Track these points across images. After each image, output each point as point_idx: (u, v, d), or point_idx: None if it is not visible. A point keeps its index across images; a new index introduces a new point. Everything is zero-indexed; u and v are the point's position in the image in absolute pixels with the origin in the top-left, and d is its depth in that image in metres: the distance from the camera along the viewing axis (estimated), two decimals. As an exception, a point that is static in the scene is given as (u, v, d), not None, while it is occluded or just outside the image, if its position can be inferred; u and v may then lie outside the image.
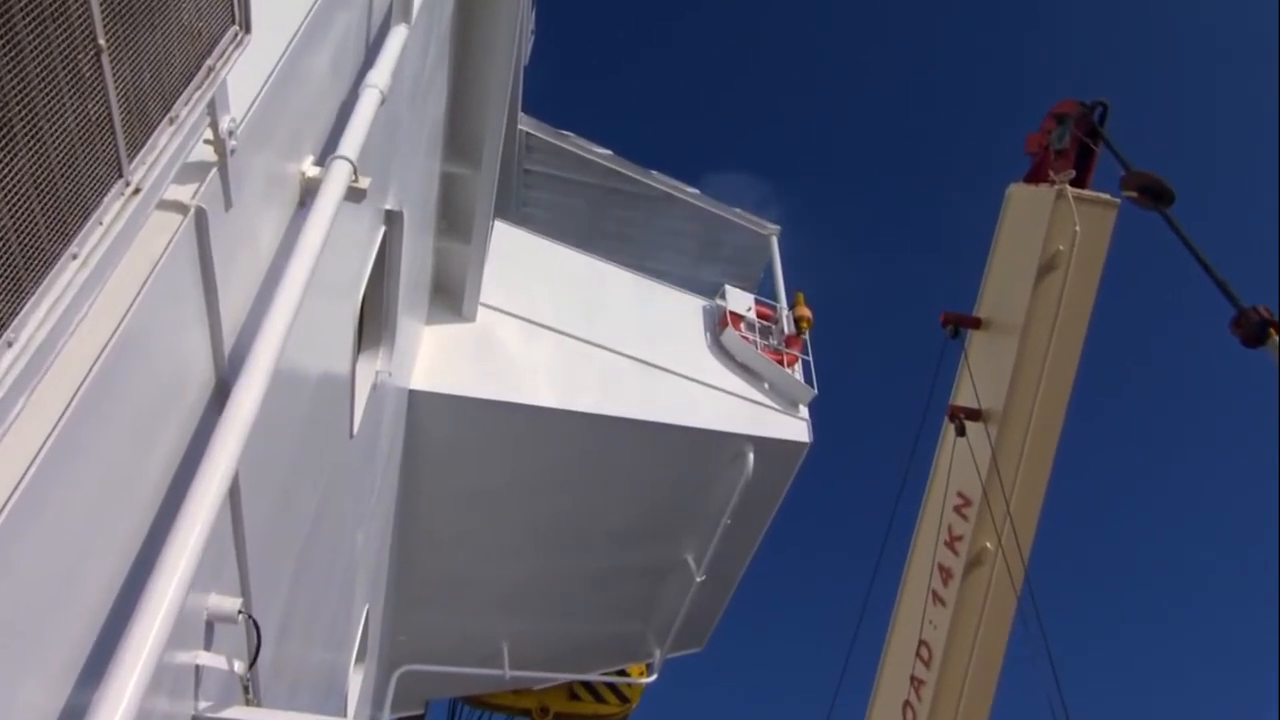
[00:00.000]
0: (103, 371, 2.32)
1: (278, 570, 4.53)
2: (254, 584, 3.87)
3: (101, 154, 2.17)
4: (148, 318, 2.54)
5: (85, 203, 2.15)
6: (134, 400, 2.59)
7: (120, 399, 2.49)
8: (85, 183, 2.13)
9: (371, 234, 5.79)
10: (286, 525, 4.59)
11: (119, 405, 2.49)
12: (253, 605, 3.86)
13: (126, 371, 2.48)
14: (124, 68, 2.18)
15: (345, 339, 5.37)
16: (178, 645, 3.08)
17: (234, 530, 3.58)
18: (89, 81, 2.05)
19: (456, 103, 7.88)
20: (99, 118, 2.12)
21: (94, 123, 2.11)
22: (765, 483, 11.04)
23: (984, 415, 8.74)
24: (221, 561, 3.50)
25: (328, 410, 5.13)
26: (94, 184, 2.17)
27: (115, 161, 2.24)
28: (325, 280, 4.30)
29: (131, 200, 2.32)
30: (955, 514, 8.86)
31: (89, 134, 2.10)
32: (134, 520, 2.70)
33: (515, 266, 10.61)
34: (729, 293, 12.03)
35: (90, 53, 2.04)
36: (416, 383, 8.97)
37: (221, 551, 3.48)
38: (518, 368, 9.69)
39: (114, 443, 2.52)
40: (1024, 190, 8.90)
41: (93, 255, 2.19)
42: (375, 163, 4.79)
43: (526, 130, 12.37)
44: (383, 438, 7.61)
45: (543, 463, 10.24)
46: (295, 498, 4.67)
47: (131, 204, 2.32)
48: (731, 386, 11.04)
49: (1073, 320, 8.28)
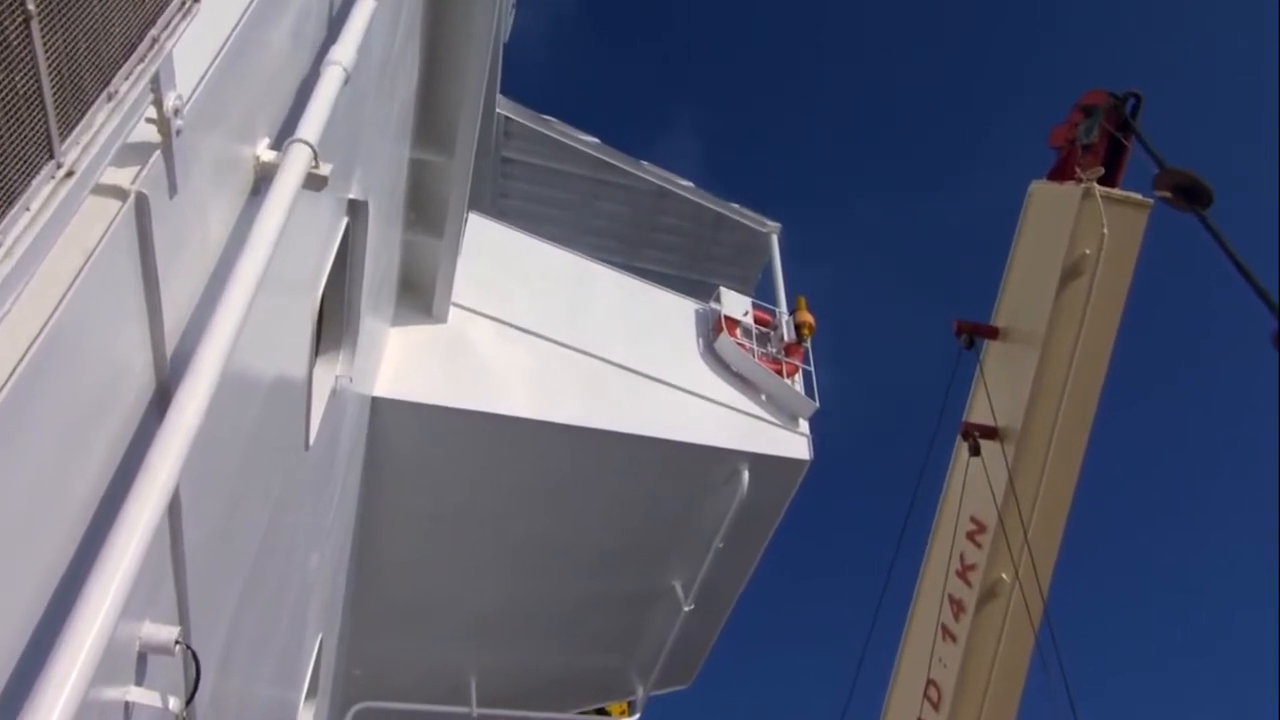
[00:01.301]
0: (28, 374, 2.29)
1: (221, 595, 4.50)
2: (194, 611, 3.83)
3: (30, 133, 2.15)
4: (80, 314, 2.52)
5: (10, 186, 2.12)
6: (63, 406, 2.56)
7: (47, 404, 2.46)
8: (11, 164, 2.10)
9: (333, 226, 5.78)
10: (232, 545, 4.56)
11: (46, 412, 2.46)
12: (192, 635, 3.83)
13: (55, 374, 2.45)
14: (56, 37, 2.16)
15: (302, 340, 5.36)
16: (105, 680, 3.05)
17: (173, 551, 3.54)
18: (16, 52, 2.03)
19: (429, 83, 7.88)
20: (27, 92, 2.09)
21: (21, 98, 2.08)
22: (761, 503, 11.10)
23: (1000, 433, 8.76)
24: (157, 585, 3.47)
25: (281, 419, 5.11)
26: (20, 166, 2.14)
27: (45, 141, 2.22)
28: (280, 276, 4.28)
29: (63, 184, 2.30)
30: (968, 541, 8.88)
31: (15, 110, 2.07)
32: (60, 539, 2.67)
33: (491, 263, 10.61)
34: (724, 295, 12.08)
35: (18, 19, 2.01)
36: (380, 389, 8.96)
37: (158, 574, 3.45)
38: (492, 374, 9.70)
39: (39, 453, 2.49)
40: (1047, 188, 8.94)
41: (18, 245, 2.16)
42: (338, 147, 4.78)
43: (506, 114, 12.39)
44: (341, 449, 7.59)
45: (518, 479, 10.24)
46: (242, 515, 4.64)
47: (63, 188, 2.30)
48: (726, 398, 11.08)
49: (1099, 331, 8.32)
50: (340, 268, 6.22)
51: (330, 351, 6.68)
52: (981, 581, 8.68)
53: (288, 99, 4.15)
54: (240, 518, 4.61)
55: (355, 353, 6.89)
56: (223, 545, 4.35)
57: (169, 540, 3.49)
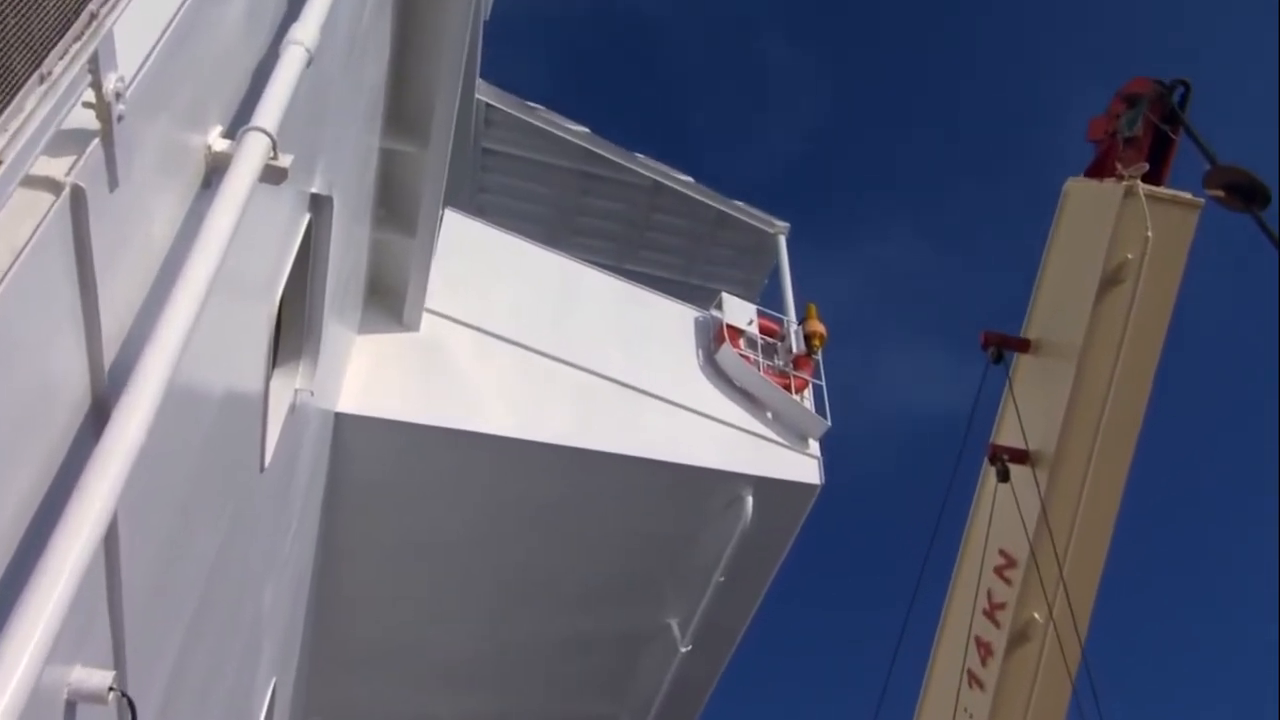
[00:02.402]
0: (-54, 388, 2.26)
1: (163, 636, 4.47)
2: (131, 653, 3.80)
3: (-49, 117, 2.12)
4: (6, 321, 2.50)
5: (-71, 177, 2.10)
6: (-13, 423, 2.54)
7: (-32, 422, 2.43)
8: (-71, 152, 2.07)
9: (293, 223, 5.78)
10: (176, 579, 4.53)
11: (-34, 429, 2.44)
12: (128, 680, 3.79)
13: (-22, 387, 2.43)
14: (-18, 11, 2.14)
15: (257, 350, 5.34)
16: (31, 731, 3.01)
17: (108, 585, 3.52)
18: (-63, 27, 2.00)
19: (401, 65, 7.88)
20: (-51, 72, 2.07)
21: (-58, 78, 2.06)
22: (767, 532, 11.05)
23: (1032, 457, 8.77)
24: (90, 625, 3.44)
25: (233, 437, 5.09)
26: (-59, 154, 2.12)
27: (-31, 127, 2.19)
28: (234, 278, 4.27)
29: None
30: (996, 577, 8.88)
31: (-64, 92, 2.05)
32: (-19, 573, 2.64)
33: (469, 265, 10.60)
34: (727, 302, 12.09)
35: (-60, -9, 1.99)
36: (345, 404, 8.95)
37: (91, 612, 3.42)
38: (470, 388, 9.68)
39: (-41, 476, 2.46)
40: (1085, 186, 8.98)
41: (-63, 242, 2.14)
42: (299, 136, 4.77)
43: (486, 100, 12.41)
44: (301, 471, 7.57)
45: (498, 505, 10.21)
46: (188, 545, 4.61)
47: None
48: (728, 415, 11.08)
49: (1143, 343, 8.35)
50: (301, 269, 6.20)
51: (289, 362, 6.66)
52: (1011, 622, 8.68)
53: (243, 82, 4.14)
54: (186, 548, 4.58)
55: (317, 364, 6.87)
56: (165, 579, 4.33)
57: (104, 574, 3.47)
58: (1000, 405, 9.39)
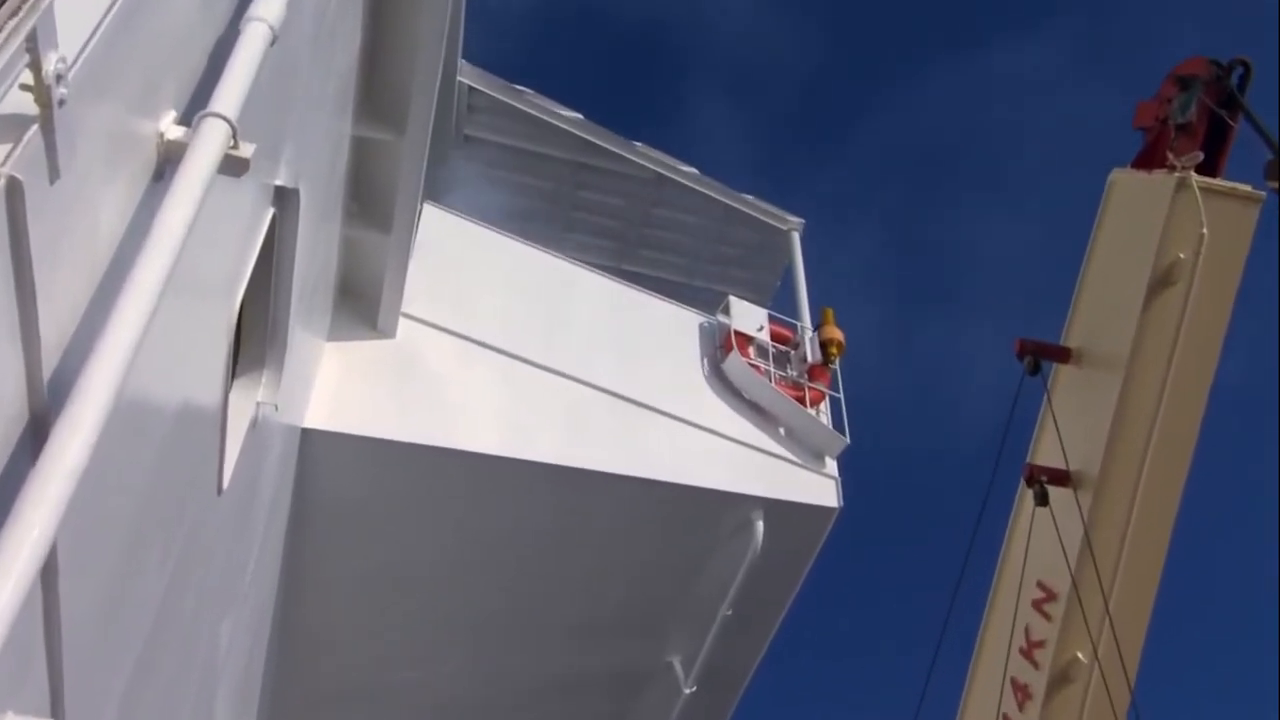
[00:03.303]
0: None
1: (107, 678, 4.43)
2: (71, 698, 3.76)
3: None
4: (-67, 328, 2.48)
5: None
6: (-92, 444, 2.51)
7: (-111, 442, 2.41)
8: None
9: (255, 218, 5.77)
10: (122, 615, 4.51)
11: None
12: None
13: (-101, 403, 2.40)
14: (-94, -18, 2.11)
15: (215, 360, 5.33)
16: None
17: (45, 624, 3.49)
18: None
19: (375, 44, 7.89)
20: None
21: None
22: (779, 561, 11.08)
23: (1074, 479, 8.77)
24: (26, 666, 3.41)
25: (187, 457, 5.08)
26: None
27: (-109, 112, 2.17)
28: (189, 279, 4.25)
29: (-87, 166, 2.26)
30: (1034, 611, 8.86)
31: None
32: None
33: (451, 265, 10.62)
34: (735, 306, 12.12)
35: None
36: (312, 420, 8.95)
37: (26, 652, 3.38)
38: (451, 401, 9.69)
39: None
40: (1132, 178, 8.98)
41: None
42: (262, 123, 4.76)
43: (469, 84, 12.43)
44: (263, 494, 7.56)
45: (481, 530, 10.21)
46: (137, 577, 4.58)
47: (-87, 171, 2.26)
48: (736, 431, 11.10)
49: (1197, 352, 8.34)
50: (264, 270, 6.18)
51: (250, 373, 6.65)
52: (1052, 662, 8.67)
53: (200, 63, 4.13)
54: (133, 581, 4.55)
55: (281, 375, 6.85)
56: (110, 615, 4.30)
57: (41, 609, 3.43)
58: (1038, 421, 9.38)
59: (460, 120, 12.73)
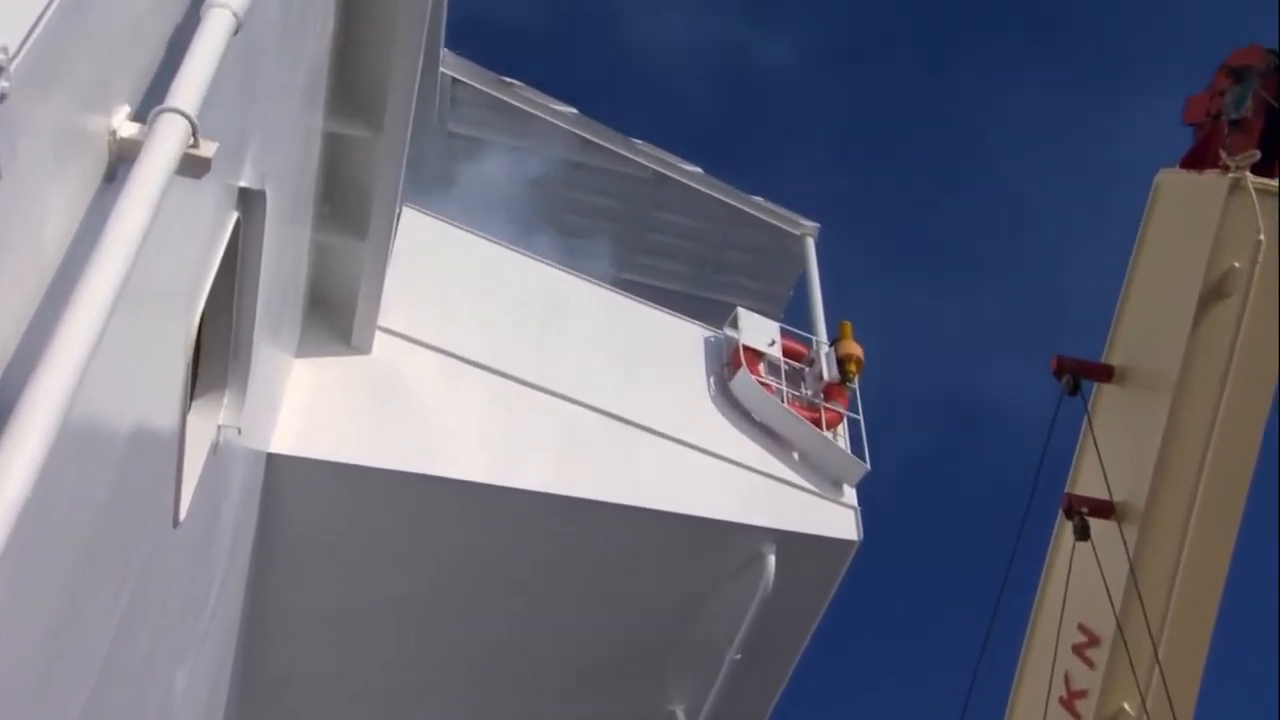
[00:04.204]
0: None
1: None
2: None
3: None
4: None
5: None
6: None
7: None
8: None
9: (217, 223, 5.76)
10: (65, 663, 4.47)
11: None
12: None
13: None
14: None
15: (173, 378, 5.33)
16: None
17: (-19, 674, 3.47)
18: None
19: (349, 32, 7.89)
20: None
21: None
22: (793, 599, 11.04)
23: (1118, 511, 8.74)
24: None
25: (140, 485, 5.05)
26: None
27: None
28: (144, 290, 4.23)
29: None
30: (1075, 657, 8.83)
31: None
32: None
33: (432, 274, 10.63)
34: (743, 319, 12.13)
35: None
36: (279, 444, 8.94)
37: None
38: (432, 424, 9.69)
39: None
40: (1181, 179, 8.98)
41: None
42: (225, 119, 4.76)
43: (452, 75, 12.44)
44: (224, 526, 7.54)
45: (465, 565, 10.20)
46: (82, 620, 4.55)
47: None
48: (745, 456, 11.09)
49: (1254, 370, 8.32)
50: (227, 280, 6.19)
51: (211, 393, 6.64)
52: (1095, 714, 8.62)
53: (156, 53, 4.11)
54: (78, 624, 4.52)
55: (245, 395, 6.85)
56: (52, 664, 4.26)
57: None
58: (1078, 446, 9.35)
59: (443, 115, 12.75)
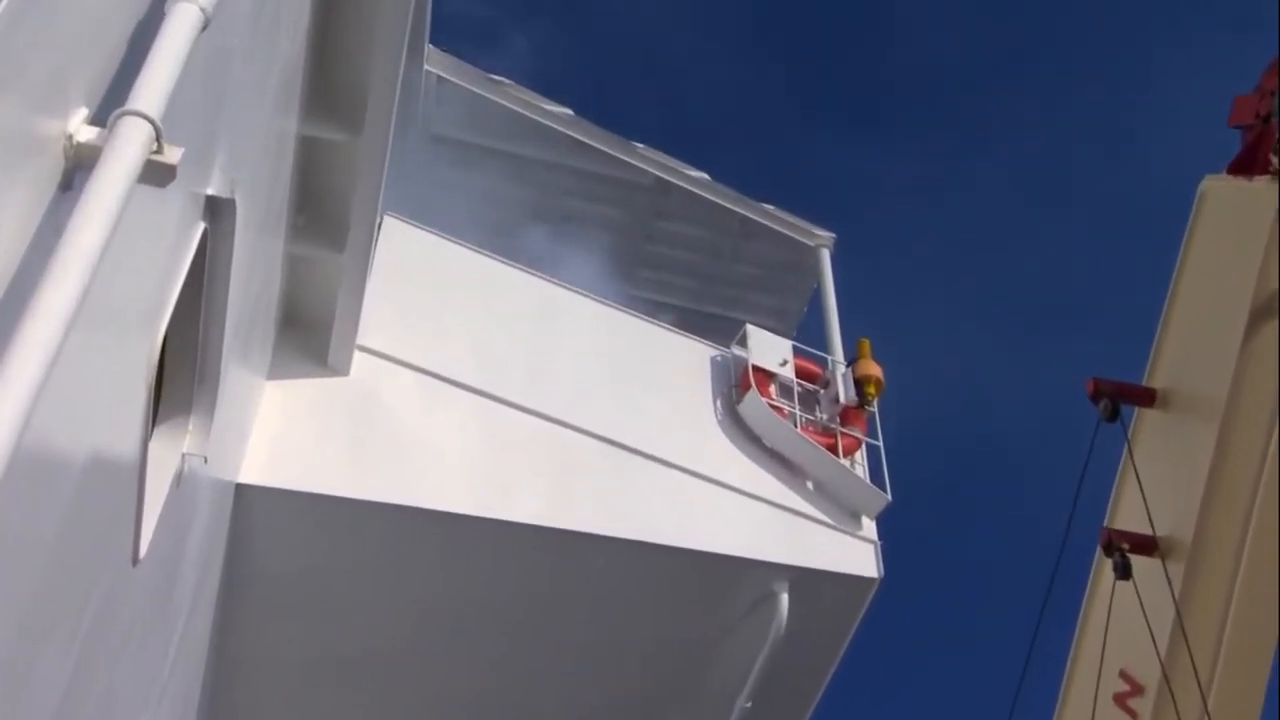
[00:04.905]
0: None
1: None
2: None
3: None
4: None
5: None
6: None
7: None
8: None
9: (183, 235, 5.75)
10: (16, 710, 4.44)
11: None
12: None
13: None
14: None
15: (134, 403, 5.30)
16: None
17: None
18: None
19: (327, 27, 7.91)
20: None
21: None
22: (808, 641, 11.06)
23: (1162, 547, 8.72)
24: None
25: (96, 520, 5.03)
26: None
27: None
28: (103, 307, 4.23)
29: None
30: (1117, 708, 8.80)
31: None
32: None
33: (416, 288, 10.66)
34: (753, 337, 12.17)
35: None
36: (249, 474, 8.93)
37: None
38: (415, 451, 9.69)
39: None
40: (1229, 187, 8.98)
41: None
42: (192, 123, 4.75)
43: (437, 73, 12.45)
44: (188, 564, 7.52)
45: (451, 605, 10.19)
46: (31, 670, 4.52)
47: None
48: (754, 486, 11.10)
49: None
50: (193, 296, 6.17)
51: (175, 419, 6.60)
52: (1140, 772, 8.59)
53: (116, 52, 4.10)
54: (31, 667, 4.50)
55: (213, 420, 6.81)
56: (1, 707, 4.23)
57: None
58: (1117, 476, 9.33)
59: (427, 117, 12.76)
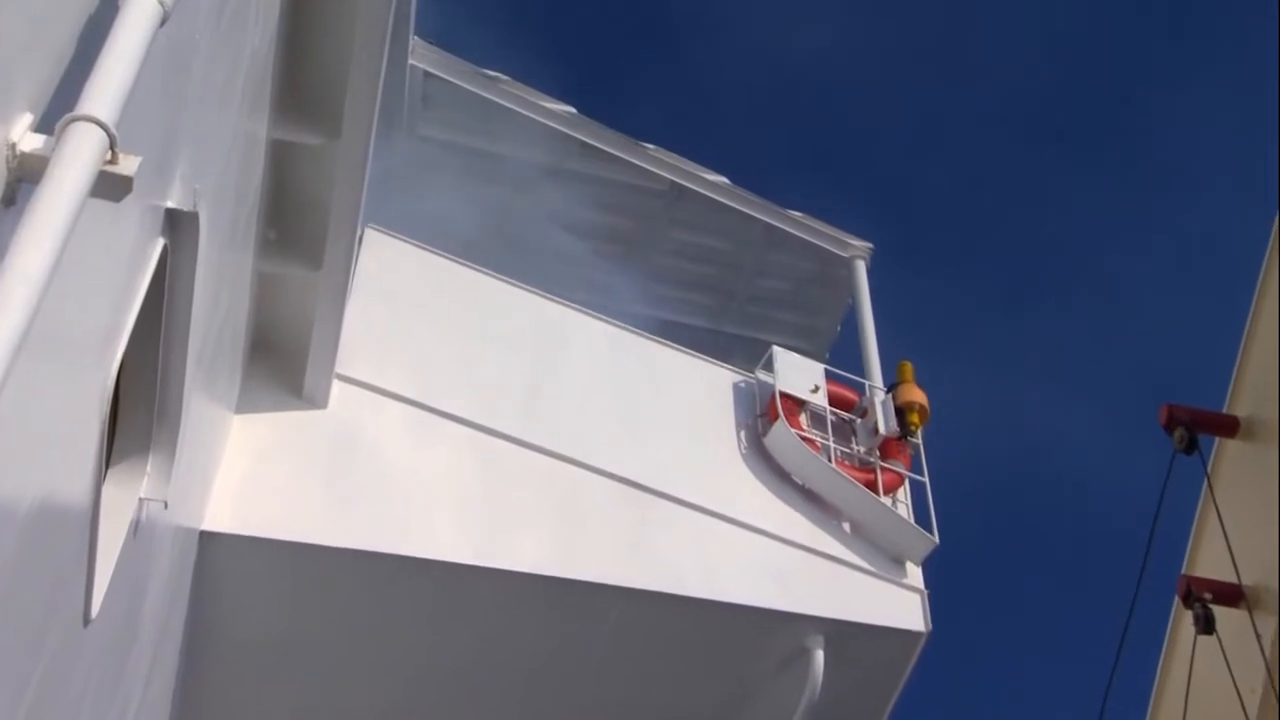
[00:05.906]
0: None
1: None
2: None
3: None
4: None
5: None
6: None
7: None
8: None
9: (140, 253, 5.76)
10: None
11: None
12: None
13: None
14: None
15: (85, 442, 5.31)
16: None
17: None
18: None
19: (299, 20, 7.94)
20: None
21: None
22: (847, 701, 11.01)
23: (1249, 597, 8.68)
24: None
25: (43, 576, 5.04)
26: None
27: None
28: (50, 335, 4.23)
29: None
30: (1202, 780, 8.76)
31: None
32: None
33: (402, 308, 10.69)
34: (780, 360, 12.14)
35: None
36: (215, 520, 8.94)
37: None
38: (403, 493, 9.69)
39: None
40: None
41: None
42: (149, 129, 4.77)
43: (424, 69, 12.48)
44: (146, 623, 7.50)
45: (444, 664, 10.17)
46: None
47: None
48: (785, 528, 11.09)
49: None
50: (151, 321, 6.18)
51: (132, 459, 6.61)
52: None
53: (65, 51, 4.11)
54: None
55: (174, 460, 6.83)
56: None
57: None
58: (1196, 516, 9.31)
59: (413, 116, 12.80)
